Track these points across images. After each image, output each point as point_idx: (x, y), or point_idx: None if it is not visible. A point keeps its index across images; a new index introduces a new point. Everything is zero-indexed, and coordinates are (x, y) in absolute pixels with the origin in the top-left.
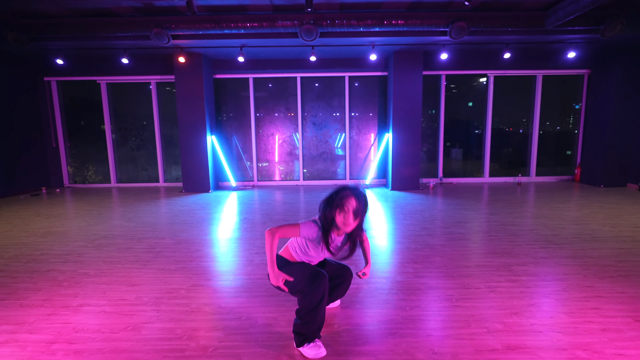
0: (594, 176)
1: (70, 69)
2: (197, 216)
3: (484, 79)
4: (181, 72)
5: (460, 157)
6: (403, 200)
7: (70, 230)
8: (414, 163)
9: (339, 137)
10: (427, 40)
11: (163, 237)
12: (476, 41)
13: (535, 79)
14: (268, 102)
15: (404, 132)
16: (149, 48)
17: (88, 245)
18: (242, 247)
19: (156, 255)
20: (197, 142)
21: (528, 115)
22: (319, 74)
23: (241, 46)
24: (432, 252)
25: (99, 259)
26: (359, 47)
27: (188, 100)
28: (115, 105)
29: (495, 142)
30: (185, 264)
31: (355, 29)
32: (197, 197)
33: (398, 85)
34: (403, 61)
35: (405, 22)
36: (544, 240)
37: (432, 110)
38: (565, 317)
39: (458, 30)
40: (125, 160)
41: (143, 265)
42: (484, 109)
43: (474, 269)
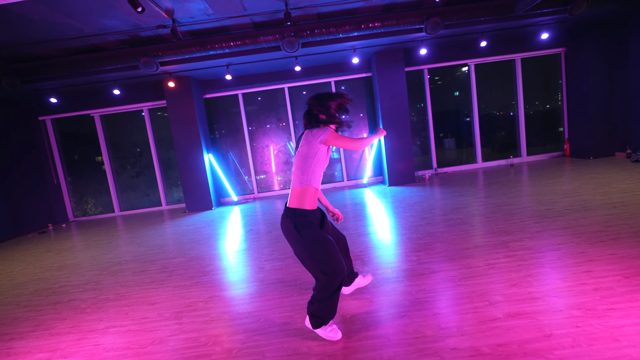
0: (583, 149)
1: (63, 106)
2: (204, 233)
3: (465, 68)
4: (172, 96)
5: (453, 146)
6: (401, 195)
7: (83, 262)
8: (408, 157)
9: None
10: (405, 39)
11: (174, 256)
12: (452, 34)
13: (514, 62)
14: (259, 115)
15: (394, 128)
16: (139, 77)
17: (103, 272)
18: (252, 257)
19: (170, 274)
20: (195, 162)
21: (513, 98)
22: (305, 82)
23: (227, 65)
24: (433, 240)
25: (116, 284)
26: (341, 52)
27: (181, 122)
28: (111, 135)
29: (484, 127)
30: (199, 278)
31: (335, 36)
32: (201, 215)
33: (383, 84)
34: (385, 61)
35: (381, 24)
36: (537, 215)
37: (421, 103)
38: (560, 282)
39: (433, 25)
40: (126, 188)
41: (159, 284)
42: (469, 97)
43: (473, 249)
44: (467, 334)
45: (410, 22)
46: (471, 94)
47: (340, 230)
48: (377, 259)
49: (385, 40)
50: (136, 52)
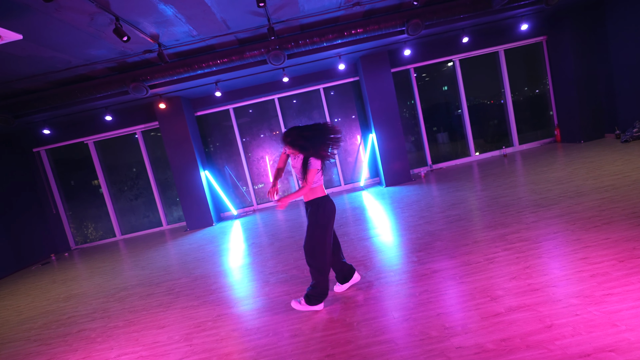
0: (573, 134)
1: (57, 135)
2: (207, 251)
3: (450, 64)
4: (164, 117)
5: (447, 140)
6: (398, 194)
7: (89, 290)
8: (402, 156)
9: None
10: (388, 41)
11: (179, 277)
12: (434, 33)
13: (498, 54)
14: (252, 127)
15: (386, 129)
16: (130, 101)
17: (110, 300)
18: (256, 271)
19: (177, 295)
20: (192, 181)
21: (500, 89)
22: (294, 91)
23: (216, 82)
24: (432, 238)
25: (124, 310)
26: (326, 59)
27: (175, 142)
28: (106, 160)
29: (474, 119)
30: (206, 297)
31: (319, 45)
32: (202, 232)
33: (370, 87)
34: (371, 64)
35: (364, 30)
36: (533, 205)
37: (411, 100)
38: (558, 271)
39: (414, 27)
40: (125, 212)
41: (166, 307)
42: (457, 91)
43: (472, 245)
44: (471, 332)
45: (391, 26)
46: (459, 89)
47: (341, 235)
48: (380, 262)
49: (369, 45)
50: (125, 78)
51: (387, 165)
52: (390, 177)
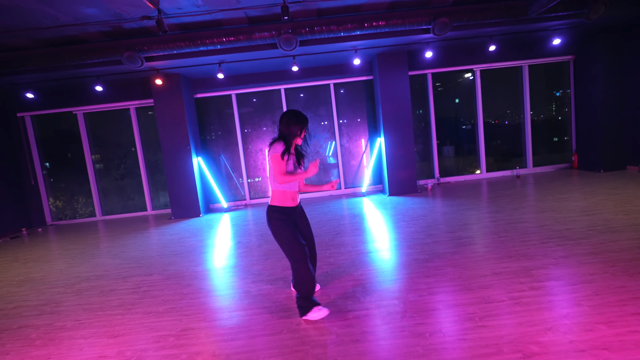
0: (592, 162)
1: (43, 102)
2: (188, 244)
3: (468, 74)
4: (160, 94)
5: (456, 154)
6: (403, 206)
7: (49, 275)
8: (409, 165)
9: (329, 146)
10: (410, 40)
11: (151, 272)
12: (460, 36)
13: (521, 69)
14: (253, 117)
15: (396, 134)
16: (124, 73)
17: (68, 291)
18: (238, 277)
19: (142, 296)
20: (182, 166)
21: (518, 106)
22: (303, 83)
23: (219, 62)
24: (442, 262)
25: (79, 306)
26: (341, 52)
27: (169, 123)
28: (95, 135)
29: (489, 136)
30: (175, 303)
31: (336, 34)
32: (187, 223)
33: (385, 88)
34: (388, 63)
35: (386, 23)
36: (557, 236)
37: (419, 110)
38: (606, 328)
39: (441, 26)
40: (109, 191)
41: (127, 309)
42: (472, 104)
43: (491, 277)
44: None
45: (416, 22)
46: (476, 101)
47: (337, 246)
48: (380, 285)
49: (388, 41)
50: (119, 46)
51: (393, 173)
52: (395, 186)
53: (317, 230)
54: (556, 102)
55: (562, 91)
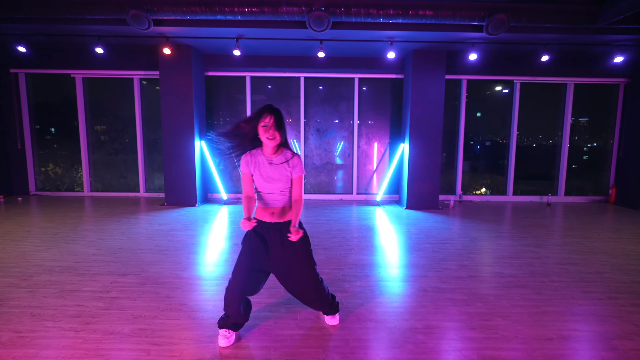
0: (632, 198)
1: (39, 60)
2: (177, 240)
3: (499, 87)
4: (167, 66)
5: (482, 171)
6: (423, 223)
7: (7, 259)
8: (433, 178)
9: (339, 145)
10: (454, 37)
11: (126, 272)
12: (511, 40)
13: (565, 87)
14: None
15: (423, 142)
16: (129, 36)
17: (21, 284)
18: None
19: (108, 305)
20: (183, 148)
21: (554, 127)
22: (325, 74)
23: (237, 37)
24: (487, 309)
25: (27, 310)
26: (374, 42)
27: (174, 99)
28: (93, 103)
29: (519, 156)
30: (147, 322)
31: (374, 19)
32: (180, 212)
33: (417, 90)
34: (423, 62)
35: (434, 13)
36: (626, 290)
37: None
38: None
39: (497, 24)
40: (101, 166)
41: (84, 324)
42: (504, 119)
43: (559, 343)
44: None
45: (468, 16)
46: (511, 117)
47: (339, 268)
48: (410, 333)
49: (430, 36)
50: (124, 3)
51: (414, 184)
52: (414, 198)
53: (328, 242)
54: (597, 128)
55: (607, 117)
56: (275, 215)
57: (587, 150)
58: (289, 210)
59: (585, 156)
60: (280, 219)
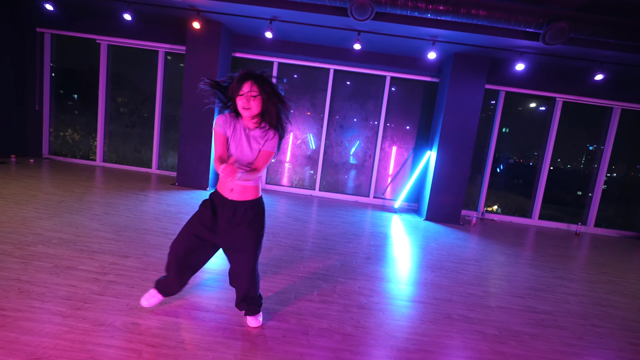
0: None
1: (66, 21)
2: (182, 224)
3: (534, 103)
4: (194, 41)
5: (505, 190)
6: (444, 238)
7: (7, 223)
8: (458, 191)
9: (361, 144)
10: (503, 43)
11: (127, 253)
12: (564, 53)
13: (611, 111)
14: (291, 94)
15: (452, 152)
16: (159, 5)
17: (16, 252)
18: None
19: (103, 289)
20: (201, 129)
21: (595, 154)
22: (357, 68)
23: (271, 18)
24: (523, 350)
25: (15, 284)
26: (415, 40)
27: (198, 77)
28: (115, 72)
29: (550, 179)
30: (141, 316)
31: (421, 14)
32: (190, 194)
33: (453, 95)
34: (464, 67)
35: (487, 14)
36: None
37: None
38: None
39: (556, 33)
40: (115, 137)
41: (73, 310)
42: (538, 139)
43: None
44: None
45: (525, 22)
46: (547, 137)
47: (371, 276)
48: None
49: (476, 39)
50: None
51: (437, 195)
52: (435, 210)
53: (343, 247)
54: (636, 158)
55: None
56: (234, 192)
57: (623, 181)
58: (250, 191)
59: (620, 187)
60: (239, 198)
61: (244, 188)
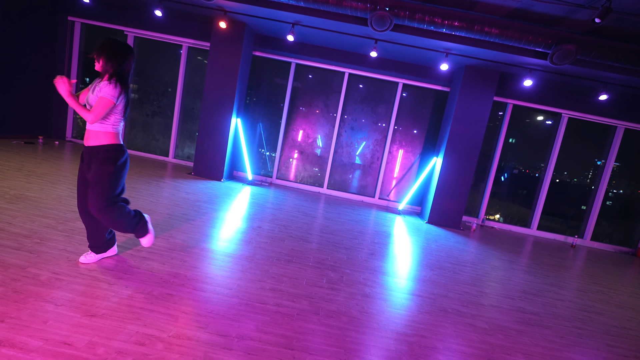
0: None
1: (97, 12)
2: (201, 211)
3: (541, 117)
4: (219, 39)
5: (505, 199)
6: (444, 241)
7: (45, 199)
8: (461, 197)
9: (370, 146)
10: (513, 60)
11: (156, 234)
12: (570, 72)
13: (614, 130)
14: (305, 94)
15: (457, 159)
16: (189, 4)
17: (58, 227)
18: (246, 276)
19: (139, 263)
20: (219, 122)
21: (595, 170)
22: (371, 74)
23: (294, 23)
24: (509, 343)
25: (63, 253)
26: (429, 51)
27: (220, 73)
28: (139, 63)
29: (551, 192)
30: (174, 288)
31: (437, 29)
32: (206, 184)
33: (462, 105)
34: (475, 79)
35: (499, 32)
36: None
37: None
38: None
39: (563, 54)
40: (136, 124)
41: (117, 279)
42: (535, 150)
43: None
44: None
45: (534, 42)
46: (551, 150)
47: (375, 271)
48: (417, 348)
49: (487, 54)
50: None
51: (440, 200)
52: (437, 214)
53: (349, 242)
54: (635, 176)
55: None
56: (89, 139)
57: (621, 198)
58: (101, 136)
59: (618, 203)
60: (92, 143)
61: (95, 134)
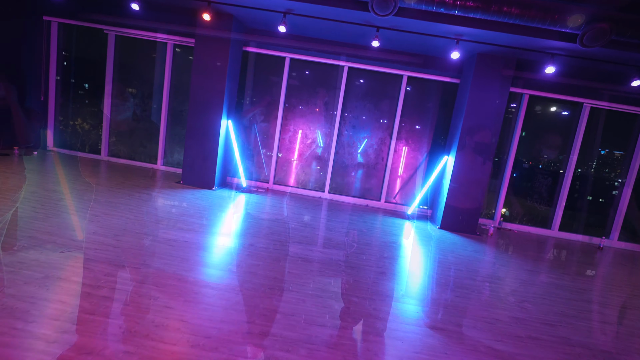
0: None
1: (74, 10)
2: (188, 227)
3: (554, 107)
4: (204, 34)
5: (524, 199)
6: (461, 250)
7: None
8: (477, 199)
9: (373, 145)
10: (533, 44)
11: (125, 262)
12: (600, 56)
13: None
14: (302, 91)
15: (471, 158)
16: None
17: (5, 260)
18: (234, 307)
19: (95, 307)
20: (208, 125)
21: (620, 166)
22: (372, 67)
23: (285, 12)
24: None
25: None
26: (437, 38)
27: (207, 71)
28: (122, 63)
29: (573, 189)
30: (135, 344)
31: (448, 10)
32: (196, 194)
33: (475, 98)
34: (488, 68)
35: (520, 12)
36: None
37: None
38: None
39: (596, 34)
40: (121, 131)
41: (59, 332)
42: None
43: None
44: None
45: (561, 21)
46: (572, 144)
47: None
48: None
49: (504, 39)
50: None
51: (453, 202)
52: (450, 218)
53: (355, 259)
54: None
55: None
56: None
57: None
58: None
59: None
60: None
61: None
